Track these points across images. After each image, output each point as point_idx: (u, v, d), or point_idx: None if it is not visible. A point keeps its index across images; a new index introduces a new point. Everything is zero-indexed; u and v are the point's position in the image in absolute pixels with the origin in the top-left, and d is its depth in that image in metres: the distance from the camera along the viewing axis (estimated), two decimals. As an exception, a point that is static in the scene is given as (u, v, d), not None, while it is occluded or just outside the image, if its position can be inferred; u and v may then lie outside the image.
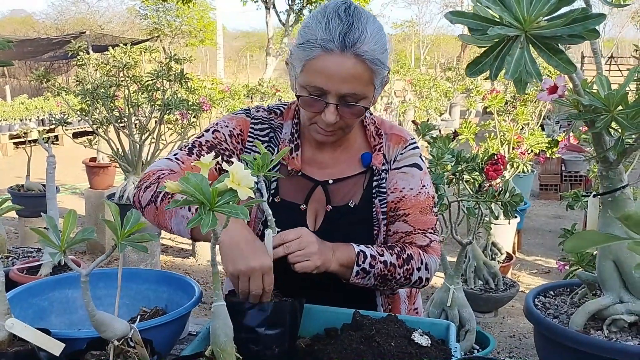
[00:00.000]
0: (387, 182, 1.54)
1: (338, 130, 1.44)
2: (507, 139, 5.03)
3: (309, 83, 1.37)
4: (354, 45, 1.32)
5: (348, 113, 1.39)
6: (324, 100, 1.37)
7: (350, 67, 1.33)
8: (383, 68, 1.38)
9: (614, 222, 1.28)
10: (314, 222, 1.54)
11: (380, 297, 1.58)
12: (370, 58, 1.34)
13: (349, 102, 1.37)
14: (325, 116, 1.38)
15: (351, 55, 1.32)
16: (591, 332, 1.31)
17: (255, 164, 1.23)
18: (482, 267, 3.92)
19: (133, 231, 1.02)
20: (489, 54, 1.02)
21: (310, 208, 1.54)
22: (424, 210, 1.54)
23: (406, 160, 1.55)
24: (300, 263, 1.32)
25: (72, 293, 1.53)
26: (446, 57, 24.20)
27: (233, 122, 1.58)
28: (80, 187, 8.49)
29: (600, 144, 1.25)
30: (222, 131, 1.56)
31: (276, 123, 1.58)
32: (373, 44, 1.34)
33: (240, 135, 1.56)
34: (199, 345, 1.23)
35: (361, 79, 1.35)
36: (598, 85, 1.19)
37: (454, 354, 1.24)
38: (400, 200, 1.53)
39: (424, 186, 1.55)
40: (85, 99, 4.29)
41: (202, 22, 28.31)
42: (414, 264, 1.48)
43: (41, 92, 15.42)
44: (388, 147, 1.56)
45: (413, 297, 1.69)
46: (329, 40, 1.32)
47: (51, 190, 1.96)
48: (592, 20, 0.93)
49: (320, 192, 1.54)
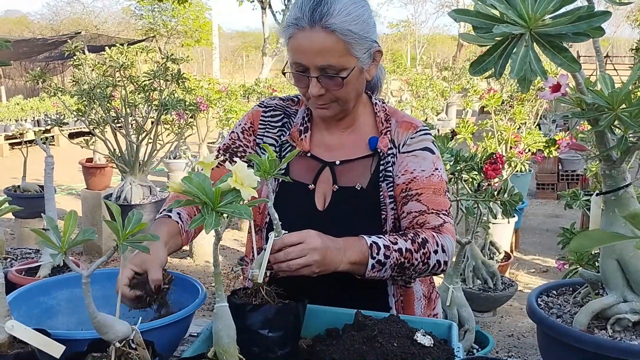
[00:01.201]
0: (396, 166, 1.55)
1: (331, 103, 1.50)
2: (504, 138, 5.04)
3: (292, 61, 1.46)
4: (322, 19, 1.39)
5: (330, 84, 1.45)
6: (306, 75, 1.45)
7: (321, 40, 1.40)
8: (360, 39, 1.43)
9: (617, 221, 1.27)
10: (323, 202, 1.57)
11: (392, 287, 1.58)
12: (340, 29, 1.40)
13: (329, 73, 1.43)
14: (310, 89, 1.46)
15: (320, 29, 1.40)
16: (595, 332, 1.30)
17: (263, 169, 1.22)
18: (481, 266, 3.93)
19: (134, 232, 1.01)
20: (493, 53, 1.01)
21: (319, 188, 1.57)
22: (437, 191, 1.53)
23: (417, 144, 1.57)
24: (297, 270, 1.31)
25: (79, 292, 1.52)
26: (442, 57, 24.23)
27: (245, 118, 1.68)
28: (76, 187, 8.46)
29: (603, 142, 1.24)
30: (236, 130, 1.67)
31: (292, 110, 1.66)
32: (343, 15, 1.40)
33: (250, 128, 1.65)
34: (201, 347, 1.22)
35: (333, 50, 1.41)
36: (601, 83, 1.19)
37: (457, 354, 1.23)
38: (412, 180, 1.53)
39: (436, 169, 1.55)
40: (81, 99, 4.27)
41: (197, 22, 28.26)
42: (430, 247, 1.45)
43: (37, 93, 15.37)
44: (397, 133, 1.58)
45: (433, 302, 1.67)
46: (300, 18, 1.41)
47: (49, 190, 1.94)
48: (597, 18, 0.92)
49: (328, 172, 1.58)
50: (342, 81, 1.44)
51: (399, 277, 1.47)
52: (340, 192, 1.55)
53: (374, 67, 1.53)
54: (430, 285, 1.68)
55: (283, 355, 1.24)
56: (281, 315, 1.23)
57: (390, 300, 1.58)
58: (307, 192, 1.57)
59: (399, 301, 1.59)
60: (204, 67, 26.64)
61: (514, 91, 5.99)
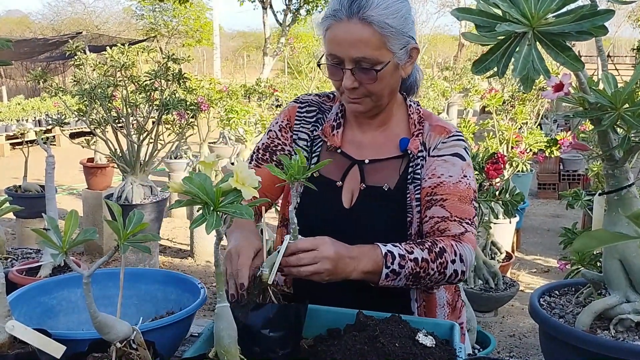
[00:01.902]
0: (425, 169, 1.53)
1: (364, 98, 1.49)
2: (505, 138, 5.03)
3: (328, 52, 1.46)
4: (360, 11, 1.39)
5: (364, 78, 1.44)
6: (340, 67, 1.44)
7: (357, 31, 1.40)
8: (397, 33, 1.42)
9: (620, 221, 1.27)
10: (350, 200, 1.56)
11: (416, 291, 1.56)
12: (377, 22, 1.39)
13: (363, 66, 1.42)
14: (343, 82, 1.45)
15: (357, 21, 1.39)
16: (598, 332, 1.29)
17: (290, 172, 1.21)
18: (482, 266, 3.92)
19: (135, 232, 1.01)
20: (495, 52, 1.01)
21: (347, 186, 1.57)
22: (462, 199, 1.50)
23: (448, 149, 1.54)
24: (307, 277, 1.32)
25: (80, 292, 1.54)
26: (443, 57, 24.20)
27: (282, 116, 1.69)
28: (77, 187, 8.47)
29: (606, 142, 1.24)
30: (274, 129, 1.67)
31: (326, 106, 1.66)
32: (382, 8, 1.40)
33: (288, 125, 1.66)
34: (201, 347, 1.22)
35: (369, 42, 1.40)
36: (604, 82, 1.18)
37: (459, 355, 1.22)
38: (438, 185, 1.51)
39: (465, 176, 1.52)
40: (82, 99, 4.26)
41: (198, 22, 28.26)
42: (448, 256, 1.42)
43: (38, 93, 15.37)
44: (430, 136, 1.56)
45: (458, 311, 1.64)
46: (338, 10, 1.41)
47: (50, 190, 1.94)
48: (601, 17, 0.92)
49: (356, 170, 1.57)
50: (376, 74, 1.43)
51: (414, 286, 1.45)
52: (367, 191, 1.55)
53: (410, 64, 1.51)
54: (456, 293, 1.65)
55: (284, 355, 1.23)
56: (282, 315, 1.23)
57: (413, 305, 1.57)
58: (334, 188, 1.57)
59: (422, 306, 1.57)
60: (204, 67, 26.63)
61: (515, 91, 5.98)
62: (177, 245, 6.08)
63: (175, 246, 6.08)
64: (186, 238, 6.10)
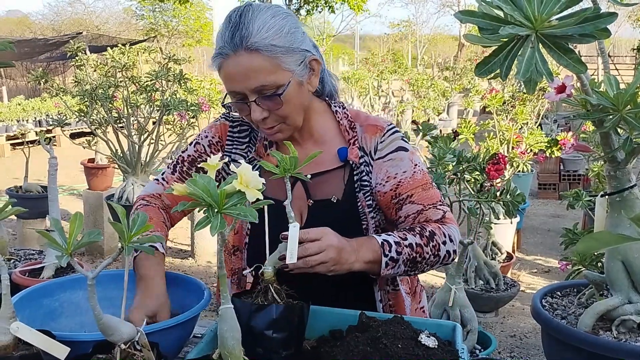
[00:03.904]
0: (375, 174, 1.53)
1: (279, 125, 1.46)
2: (506, 139, 5.03)
3: (228, 90, 1.43)
4: (242, 42, 1.36)
5: (270, 105, 1.41)
6: (245, 102, 1.41)
7: (247, 62, 1.36)
8: (288, 51, 1.39)
9: (622, 222, 1.27)
10: (300, 218, 1.54)
11: (379, 292, 1.57)
12: (263, 46, 1.36)
13: (266, 94, 1.39)
14: (252, 115, 1.42)
15: (243, 52, 1.36)
16: (600, 333, 1.30)
17: (282, 166, 1.22)
18: (483, 266, 3.92)
19: (140, 233, 1.01)
20: (498, 54, 1.01)
21: (294, 204, 1.53)
22: (425, 186, 1.52)
23: (388, 147, 1.54)
24: (313, 267, 1.31)
25: (83, 294, 1.54)
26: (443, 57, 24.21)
27: (212, 130, 1.64)
28: (78, 188, 8.47)
29: (608, 143, 1.24)
30: (202, 142, 1.63)
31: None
32: (263, 32, 1.36)
33: (219, 143, 1.62)
34: (205, 348, 1.22)
35: (262, 69, 1.37)
36: (606, 84, 1.18)
37: (461, 355, 1.23)
38: (398, 185, 1.51)
39: (415, 165, 1.53)
40: (83, 100, 4.27)
41: (198, 22, 28.25)
42: (438, 238, 1.45)
43: (38, 93, 15.37)
44: (365, 139, 1.55)
45: (418, 296, 1.67)
46: (222, 47, 1.38)
47: (53, 192, 1.94)
48: (604, 19, 0.92)
49: (300, 187, 1.55)
50: (280, 99, 1.40)
51: (412, 272, 1.46)
52: (316, 206, 1.53)
53: (315, 76, 1.48)
54: (414, 279, 1.68)
55: (287, 356, 1.23)
56: (285, 316, 1.23)
57: (378, 305, 1.58)
58: (283, 208, 1.54)
59: (387, 305, 1.59)
60: (205, 68, 26.64)
61: (515, 91, 5.99)
62: (178, 246, 6.09)
63: (175, 247, 6.08)
64: (187, 238, 6.10)
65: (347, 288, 1.51)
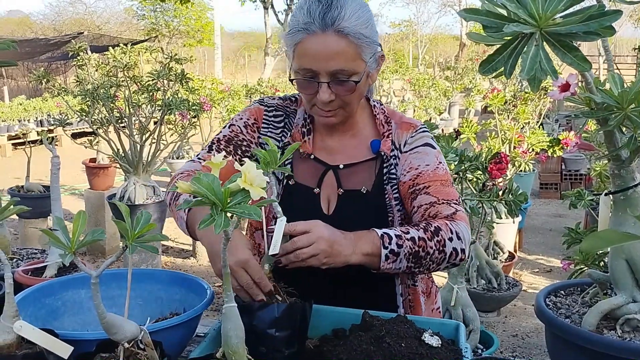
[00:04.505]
0: (400, 166, 1.55)
1: (338, 109, 1.48)
2: (508, 138, 5.03)
3: (300, 66, 1.43)
4: (334, 23, 1.37)
5: (341, 90, 1.43)
6: (316, 81, 1.42)
7: (334, 44, 1.38)
8: (369, 43, 1.42)
9: (626, 221, 1.27)
10: (328, 206, 1.55)
11: (401, 286, 1.57)
12: (353, 33, 1.38)
13: (340, 78, 1.41)
14: (319, 95, 1.43)
15: (332, 33, 1.38)
16: (604, 332, 1.29)
17: (263, 161, 1.21)
18: (485, 266, 3.92)
19: (143, 232, 1.01)
20: (502, 52, 1.01)
21: (324, 192, 1.56)
22: (444, 182, 1.52)
23: (417, 141, 1.56)
24: (304, 260, 1.30)
25: (85, 293, 1.54)
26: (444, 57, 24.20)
27: (247, 113, 1.65)
28: (79, 187, 8.47)
29: (612, 142, 1.24)
30: (238, 124, 1.63)
31: (291, 109, 1.65)
32: (354, 19, 1.39)
33: (255, 124, 1.63)
34: (208, 347, 1.22)
35: (346, 54, 1.39)
36: (610, 82, 1.18)
37: (465, 355, 1.23)
38: (418, 176, 1.52)
39: (440, 162, 1.55)
40: (85, 100, 4.27)
41: (199, 23, 28.27)
42: (444, 234, 1.41)
43: (39, 93, 15.38)
44: (397, 134, 1.57)
45: (433, 296, 1.66)
46: (310, 23, 1.38)
47: (56, 191, 1.93)
48: (608, 17, 0.92)
49: (332, 176, 1.56)
50: (354, 86, 1.43)
51: (416, 268, 1.42)
52: (345, 196, 1.54)
53: (377, 72, 1.52)
54: (429, 280, 1.67)
55: (290, 355, 1.23)
56: (288, 315, 1.23)
57: (398, 299, 1.58)
58: (312, 196, 1.55)
59: (407, 300, 1.59)
60: (205, 67, 26.66)
61: (517, 90, 5.98)
62: (180, 246, 6.09)
63: (177, 246, 6.08)
64: (188, 238, 6.08)
65: (368, 282, 1.49)
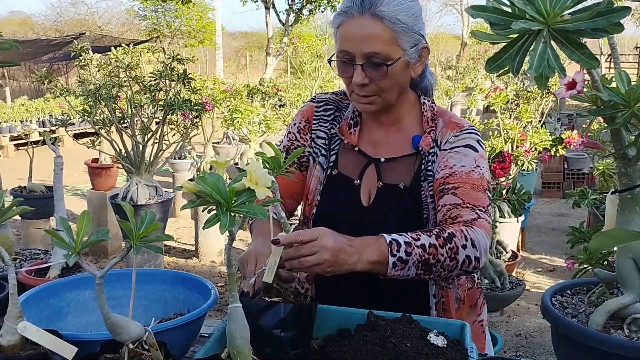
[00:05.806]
0: (436, 163, 1.53)
1: (374, 97, 1.49)
2: (510, 137, 5.02)
3: (340, 49, 1.47)
4: (372, 7, 1.41)
5: (375, 74, 1.44)
6: (351, 63, 1.45)
7: (369, 26, 1.41)
8: (408, 30, 1.44)
9: (634, 220, 1.26)
10: (368, 198, 1.57)
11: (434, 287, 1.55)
12: (389, 17, 1.41)
13: (374, 61, 1.43)
14: (354, 78, 1.45)
15: (369, 16, 1.41)
16: (611, 332, 1.29)
17: (269, 167, 1.21)
18: (488, 265, 3.91)
19: (148, 232, 1.00)
20: (509, 49, 1.00)
21: (364, 184, 1.58)
22: (475, 187, 1.47)
23: (460, 141, 1.53)
24: (309, 268, 1.30)
25: (89, 294, 1.53)
26: (446, 56, 24.16)
27: (299, 117, 1.70)
28: (81, 188, 8.48)
29: (619, 140, 1.23)
30: (292, 131, 1.69)
31: (344, 104, 1.67)
32: (393, 5, 1.42)
33: (306, 126, 1.67)
34: (212, 347, 1.21)
35: (380, 38, 1.41)
36: (617, 80, 1.17)
37: (471, 354, 1.22)
38: (450, 175, 1.49)
39: (478, 166, 1.50)
40: (87, 100, 4.27)
41: (201, 23, 28.25)
42: (457, 241, 1.36)
43: (41, 94, 15.39)
44: (442, 133, 1.56)
45: (479, 308, 1.63)
46: (350, 7, 1.44)
47: (59, 191, 1.93)
48: (617, 14, 0.91)
49: (373, 169, 1.58)
50: (386, 70, 1.43)
51: (426, 275, 1.38)
52: (384, 189, 1.56)
53: (420, 64, 1.52)
54: (477, 289, 1.64)
55: (295, 355, 1.23)
56: (294, 315, 1.22)
57: (431, 300, 1.56)
58: (353, 187, 1.58)
59: (440, 302, 1.56)
60: (207, 68, 26.63)
61: (519, 89, 5.96)
62: (182, 246, 6.09)
63: (180, 246, 6.08)
64: (191, 238, 6.10)
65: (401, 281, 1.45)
